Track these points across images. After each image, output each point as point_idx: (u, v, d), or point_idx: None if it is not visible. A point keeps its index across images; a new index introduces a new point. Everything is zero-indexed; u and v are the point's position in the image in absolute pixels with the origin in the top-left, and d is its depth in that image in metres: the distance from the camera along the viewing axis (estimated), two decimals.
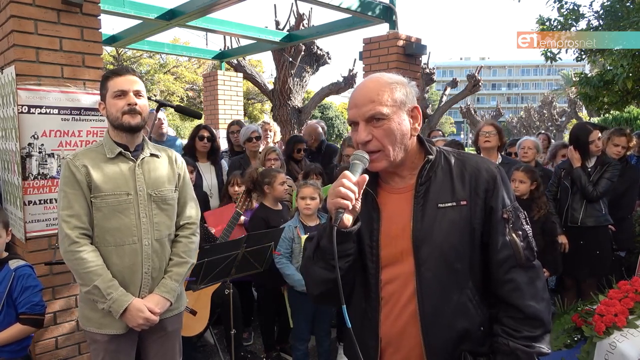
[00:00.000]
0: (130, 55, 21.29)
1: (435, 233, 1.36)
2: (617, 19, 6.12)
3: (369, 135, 1.37)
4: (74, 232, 2.04)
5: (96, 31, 3.22)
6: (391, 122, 1.36)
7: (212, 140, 4.58)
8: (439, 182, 1.41)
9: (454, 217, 1.37)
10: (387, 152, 1.38)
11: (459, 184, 1.40)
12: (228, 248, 2.95)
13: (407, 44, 5.50)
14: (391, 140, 1.37)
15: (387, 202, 1.46)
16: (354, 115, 1.40)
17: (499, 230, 1.38)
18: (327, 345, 3.63)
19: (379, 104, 1.35)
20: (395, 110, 1.36)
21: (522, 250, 1.38)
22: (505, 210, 1.39)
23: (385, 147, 1.37)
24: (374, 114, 1.35)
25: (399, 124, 1.37)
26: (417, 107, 1.42)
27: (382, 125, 1.36)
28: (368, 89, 1.39)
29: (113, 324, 2.13)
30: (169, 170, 2.30)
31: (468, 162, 1.44)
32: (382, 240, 1.43)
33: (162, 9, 5.52)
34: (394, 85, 1.38)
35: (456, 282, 1.37)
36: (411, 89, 1.43)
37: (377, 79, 1.41)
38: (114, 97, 2.13)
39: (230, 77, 8.36)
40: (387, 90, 1.37)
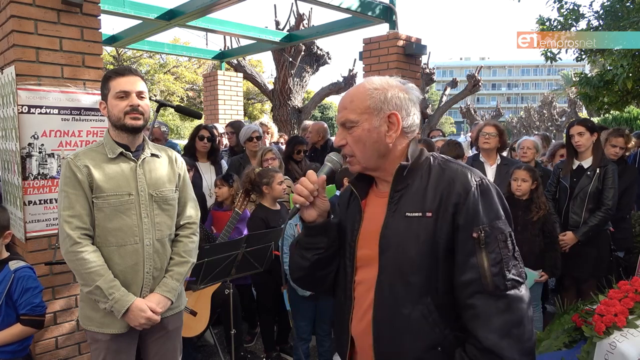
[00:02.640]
0: (130, 55, 21.28)
1: (396, 242, 1.34)
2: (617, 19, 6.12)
3: (343, 140, 1.41)
4: (76, 232, 2.04)
5: (96, 31, 3.22)
6: (359, 129, 1.37)
7: (212, 140, 4.59)
8: (414, 190, 1.37)
9: (416, 228, 1.32)
10: (357, 158, 1.40)
11: (431, 194, 1.34)
12: (228, 248, 2.95)
13: (407, 44, 5.51)
14: (360, 146, 1.38)
15: (370, 205, 1.48)
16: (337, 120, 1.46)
17: (465, 250, 1.28)
18: (328, 346, 3.63)
19: (349, 111, 1.38)
20: (366, 118, 1.36)
21: (491, 276, 1.25)
22: (478, 228, 1.27)
23: (355, 153, 1.40)
24: (344, 120, 1.39)
25: (369, 131, 1.36)
26: (395, 113, 1.37)
27: (352, 132, 1.38)
28: (347, 95, 1.43)
29: (114, 324, 2.13)
30: (170, 170, 2.30)
31: (448, 171, 1.37)
32: (359, 241, 1.46)
33: (162, 9, 5.52)
34: (372, 91, 1.38)
35: (409, 296, 1.32)
36: (401, 94, 1.39)
37: (360, 85, 1.43)
38: (116, 98, 2.12)
39: (230, 77, 8.36)
40: (361, 97, 1.38)
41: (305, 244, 1.49)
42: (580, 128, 3.81)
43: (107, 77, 2.16)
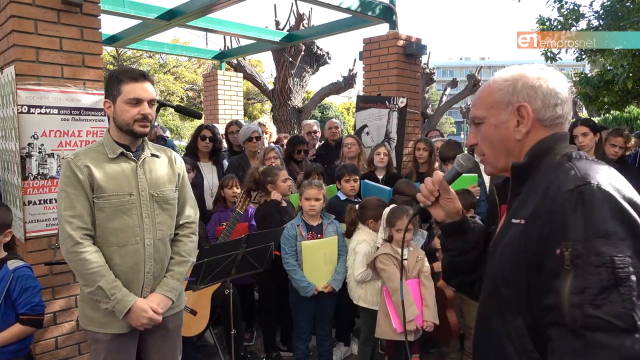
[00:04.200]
0: (130, 55, 21.26)
1: (496, 251, 1.24)
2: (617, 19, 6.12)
3: (475, 139, 1.34)
4: (77, 232, 2.03)
5: (96, 31, 3.22)
6: (486, 125, 1.28)
7: (214, 140, 4.58)
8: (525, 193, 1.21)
9: (512, 236, 1.16)
10: (488, 158, 1.31)
11: (532, 197, 1.14)
12: (228, 248, 2.95)
13: (407, 44, 5.51)
14: (487, 145, 1.29)
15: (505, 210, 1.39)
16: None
17: (549, 268, 1.03)
18: (328, 345, 3.63)
19: (477, 107, 1.31)
20: (493, 113, 1.26)
21: (569, 306, 0.96)
22: (566, 244, 0.99)
23: (485, 152, 1.31)
24: (472, 117, 1.33)
25: (496, 126, 1.26)
26: (524, 105, 1.21)
27: (480, 130, 1.30)
28: (478, 92, 1.35)
29: (115, 324, 2.13)
30: (169, 170, 2.30)
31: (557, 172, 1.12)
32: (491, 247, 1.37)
33: (162, 9, 5.52)
34: (500, 83, 1.27)
35: (498, 310, 1.17)
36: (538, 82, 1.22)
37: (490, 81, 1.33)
38: (127, 103, 2.09)
39: (230, 77, 8.36)
40: (488, 91, 1.29)
41: (441, 244, 1.52)
42: (584, 129, 3.81)
43: (119, 80, 2.10)
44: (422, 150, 4.51)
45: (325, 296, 3.45)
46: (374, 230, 3.47)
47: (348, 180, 3.92)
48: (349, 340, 4.09)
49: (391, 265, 3.15)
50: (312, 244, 3.44)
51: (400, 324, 3.07)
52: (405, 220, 3.15)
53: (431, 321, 3.14)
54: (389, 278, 3.13)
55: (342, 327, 4.08)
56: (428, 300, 3.18)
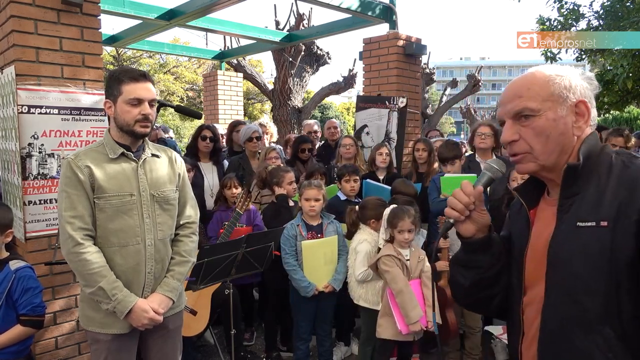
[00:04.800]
0: (130, 55, 21.26)
1: (565, 258, 1.14)
2: (617, 19, 6.13)
3: (515, 134, 1.22)
4: (78, 233, 2.03)
5: (96, 31, 3.22)
6: (542, 118, 1.18)
7: (214, 140, 4.58)
8: (589, 194, 1.14)
9: (589, 241, 1.10)
10: (535, 154, 1.20)
11: (609, 198, 1.10)
12: (228, 248, 2.95)
13: (407, 44, 5.51)
14: (541, 140, 1.19)
15: (541, 215, 1.29)
16: (500, 114, 1.27)
17: None
18: (328, 346, 3.63)
19: (527, 99, 1.19)
20: (550, 106, 1.18)
21: None
22: None
23: (533, 148, 1.20)
24: (521, 109, 1.20)
25: (554, 120, 1.17)
26: (583, 101, 1.19)
27: (532, 123, 1.19)
28: (518, 84, 1.24)
29: (116, 324, 2.13)
30: (170, 170, 2.30)
31: (631, 171, 1.12)
32: (527, 257, 1.28)
33: (162, 9, 5.53)
34: (552, 77, 1.20)
35: (582, 324, 1.10)
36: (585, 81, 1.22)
37: (533, 72, 1.24)
38: (128, 104, 2.08)
39: (230, 77, 8.37)
40: (541, 84, 1.20)
41: (464, 262, 1.35)
42: None
43: (119, 80, 2.09)
44: (421, 150, 4.51)
45: (325, 296, 3.45)
46: (375, 230, 3.47)
47: (348, 181, 3.92)
48: (349, 340, 4.09)
49: (394, 266, 3.14)
50: (312, 243, 3.44)
51: (405, 325, 3.06)
52: (407, 220, 3.15)
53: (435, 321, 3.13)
54: (393, 279, 3.12)
55: (342, 327, 4.08)
56: (430, 301, 3.17)
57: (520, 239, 1.32)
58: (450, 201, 1.28)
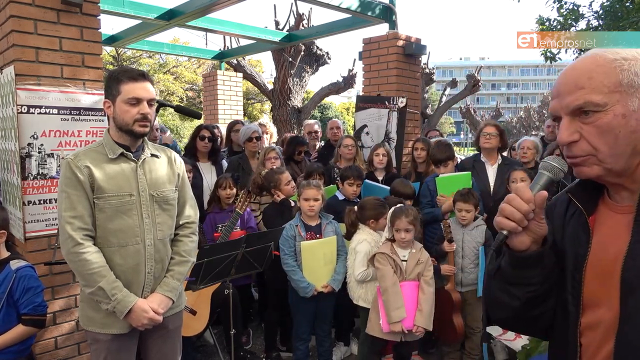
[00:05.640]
0: (129, 55, 21.26)
1: None
2: (616, 19, 6.13)
3: (575, 134, 1.01)
4: (78, 233, 2.03)
5: (96, 31, 3.22)
6: (609, 114, 0.97)
7: (213, 140, 4.58)
8: None
9: None
10: (600, 157, 1.00)
11: None
12: (227, 248, 2.95)
13: (407, 44, 5.51)
14: (609, 139, 0.98)
15: (604, 223, 1.09)
16: (555, 108, 1.06)
17: None
18: (328, 346, 3.63)
19: (589, 91, 0.98)
20: (618, 98, 0.97)
21: None
22: None
23: (598, 151, 1.00)
24: (582, 104, 0.99)
25: (624, 116, 0.97)
26: None
27: (597, 120, 0.99)
28: (577, 71, 1.02)
29: (116, 324, 2.13)
30: (169, 171, 2.30)
31: None
32: (587, 271, 1.08)
33: (161, 9, 5.52)
34: (619, 62, 0.98)
35: None
36: None
37: (593, 57, 1.02)
38: (127, 103, 2.09)
39: (230, 77, 8.36)
40: (604, 71, 0.98)
41: (513, 279, 1.12)
42: None
43: (118, 79, 2.10)
44: (420, 150, 4.50)
45: (324, 296, 3.45)
46: (375, 230, 3.47)
47: (352, 184, 3.89)
48: (348, 340, 4.09)
49: (386, 265, 3.16)
50: (312, 244, 3.44)
51: (387, 322, 3.09)
52: (403, 220, 3.15)
53: (422, 327, 3.12)
54: (381, 277, 3.15)
55: (342, 327, 4.08)
56: (423, 305, 3.15)
57: (575, 249, 1.11)
58: (506, 209, 1.05)
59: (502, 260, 1.13)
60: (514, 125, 38.25)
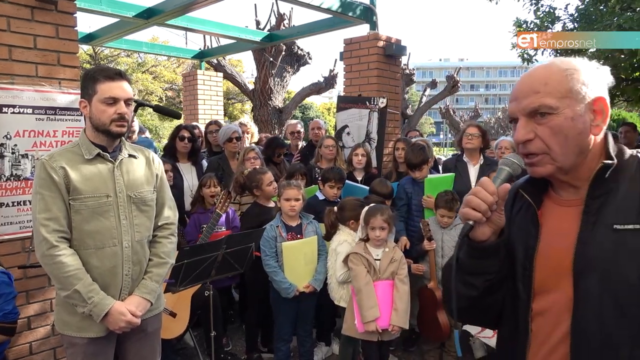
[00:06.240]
0: (107, 54, 20.92)
1: (605, 262, 1.06)
2: (590, 22, 6.25)
3: (530, 133, 1.13)
4: (53, 235, 1.99)
5: (72, 29, 3.15)
6: (561, 117, 1.09)
7: (193, 140, 4.53)
8: (621, 196, 1.09)
9: (634, 244, 1.04)
10: (553, 155, 1.12)
11: None
12: (208, 249, 2.92)
13: (388, 45, 5.55)
14: (560, 139, 1.10)
15: (551, 216, 1.20)
16: (513, 110, 1.17)
17: None
18: (309, 346, 3.63)
19: (544, 95, 1.10)
20: (568, 103, 1.09)
21: None
22: None
23: (551, 149, 1.11)
24: (538, 106, 1.11)
25: (573, 119, 1.09)
26: (602, 98, 1.12)
27: (549, 122, 1.10)
28: (533, 78, 1.14)
29: (92, 327, 2.09)
30: (147, 171, 2.27)
31: None
32: (537, 260, 1.18)
33: (140, 7, 5.45)
34: (570, 71, 1.11)
35: (628, 333, 1.04)
36: (601, 76, 1.14)
37: (549, 66, 1.15)
38: (103, 103, 2.05)
39: (210, 76, 8.30)
40: (558, 78, 1.11)
41: (473, 269, 1.21)
42: None
43: (94, 79, 2.07)
44: (401, 150, 4.53)
45: (306, 296, 3.45)
46: (355, 230, 3.48)
47: (332, 187, 3.89)
48: (329, 340, 4.10)
49: (360, 265, 3.17)
50: (293, 244, 3.44)
51: (361, 322, 3.09)
52: (378, 218, 3.16)
53: (398, 326, 3.13)
54: (355, 277, 3.16)
55: (323, 327, 4.08)
56: (398, 304, 3.15)
57: (525, 241, 1.21)
58: (472, 201, 1.14)
59: (461, 253, 1.22)
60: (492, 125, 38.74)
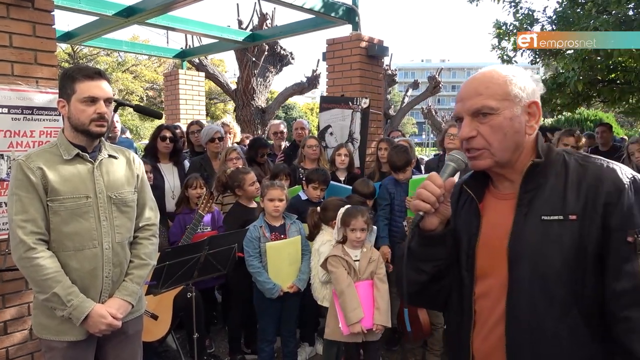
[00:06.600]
0: (86, 52, 20.58)
1: (533, 250, 1.20)
2: (568, 24, 6.37)
3: (473, 131, 1.25)
4: (30, 237, 1.95)
5: (49, 27, 3.09)
6: (500, 117, 1.23)
7: (174, 140, 4.48)
8: (548, 190, 1.22)
9: (559, 233, 1.18)
10: (493, 150, 1.25)
11: (573, 194, 1.19)
12: (190, 251, 2.90)
13: (370, 46, 5.57)
14: (499, 137, 1.24)
15: (490, 208, 1.34)
16: (458, 110, 1.30)
17: (618, 256, 1.14)
18: (293, 346, 3.63)
19: (486, 97, 1.24)
20: (507, 105, 1.23)
21: None
22: (634, 232, 1.12)
23: (491, 145, 1.25)
24: (480, 107, 1.24)
25: (510, 119, 1.23)
26: (536, 102, 1.26)
27: (490, 121, 1.24)
28: (477, 82, 1.28)
29: (72, 331, 2.06)
30: (128, 172, 2.24)
31: (592, 169, 1.21)
32: (479, 249, 1.32)
33: (120, 5, 5.37)
34: (509, 77, 1.25)
35: (554, 310, 1.18)
36: (534, 83, 1.28)
37: (490, 71, 1.28)
38: (82, 102, 2.02)
39: (192, 76, 8.22)
40: (499, 83, 1.25)
41: (423, 256, 1.34)
42: None
43: (73, 78, 2.03)
44: (384, 150, 4.55)
45: (290, 296, 3.44)
46: None
47: (316, 188, 3.88)
48: (313, 341, 4.10)
49: (340, 267, 3.16)
50: (277, 244, 3.43)
51: (346, 325, 3.08)
52: (360, 219, 3.16)
53: (382, 325, 3.13)
54: (336, 280, 3.15)
55: (306, 328, 4.08)
56: (379, 303, 3.14)
57: (468, 231, 1.35)
58: (422, 194, 1.26)
59: (412, 242, 1.35)
60: None
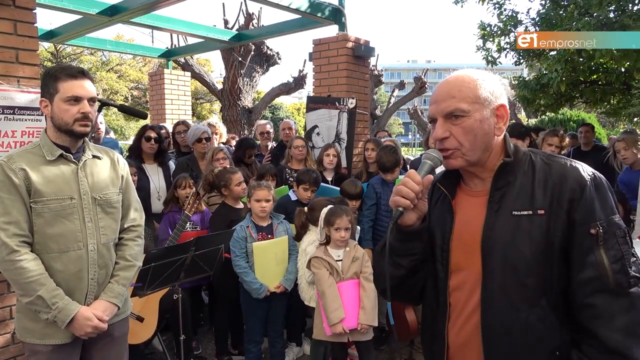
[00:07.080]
0: (69, 52, 20.28)
1: (505, 243, 1.28)
2: (551, 26, 6.46)
3: (447, 132, 1.32)
4: (13, 240, 1.92)
5: (31, 25, 3.04)
6: (471, 119, 1.29)
7: (159, 141, 4.43)
8: (517, 187, 1.31)
9: (528, 227, 1.26)
10: (464, 151, 1.32)
11: (540, 191, 1.28)
12: (176, 252, 2.87)
13: (356, 46, 5.59)
14: (470, 138, 1.30)
15: (463, 205, 1.41)
16: (432, 112, 1.36)
17: (582, 247, 1.22)
18: (280, 347, 3.62)
19: (458, 100, 1.30)
20: (477, 108, 1.30)
21: (612, 274, 1.19)
22: (595, 224, 1.21)
23: (463, 145, 1.31)
24: (453, 110, 1.30)
25: (481, 122, 1.30)
26: (503, 105, 1.34)
27: (462, 123, 1.30)
28: (450, 85, 1.34)
29: (57, 334, 2.03)
30: (112, 172, 2.22)
31: (556, 167, 1.30)
32: (453, 244, 1.39)
33: (104, 4, 5.30)
34: (479, 81, 1.31)
35: (525, 299, 1.26)
36: (502, 87, 1.36)
37: (462, 75, 1.35)
38: (65, 102, 1.99)
39: (178, 76, 8.16)
40: (470, 87, 1.31)
41: (400, 251, 1.40)
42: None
43: (55, 77, 2.00)
44: (371, 150, 4.57)
45: (277, 297, 3.44)
46: None
47: (307, 190, 3.87)
48: (300, 341, 4.10)
49: (322, 268, 3.17)
50: (264, 244, 3.42)
51: (329, 326, 3.08)
52: (344, 218, 3.16)
53: (367, 324, 3.12)
54: (318, 281, 3.16)
55: (294, 328, 4.08)
56: (365, 303, 3.13)
57: (442, 227, 1.42)
58: (402, 190, 1.31)
59: (389, 237, 1.36)
60: None
